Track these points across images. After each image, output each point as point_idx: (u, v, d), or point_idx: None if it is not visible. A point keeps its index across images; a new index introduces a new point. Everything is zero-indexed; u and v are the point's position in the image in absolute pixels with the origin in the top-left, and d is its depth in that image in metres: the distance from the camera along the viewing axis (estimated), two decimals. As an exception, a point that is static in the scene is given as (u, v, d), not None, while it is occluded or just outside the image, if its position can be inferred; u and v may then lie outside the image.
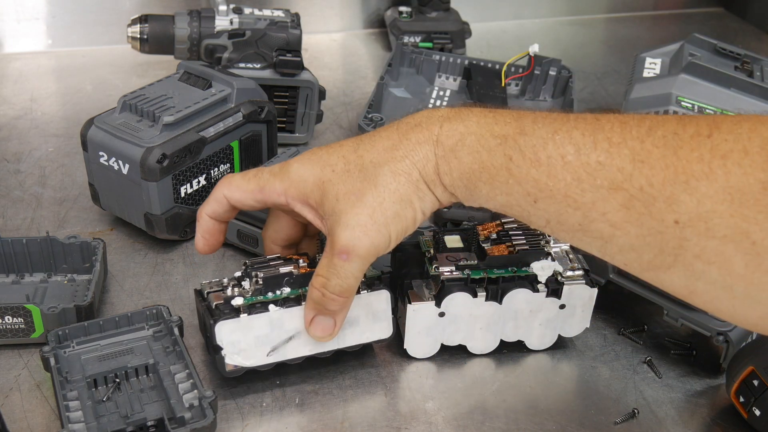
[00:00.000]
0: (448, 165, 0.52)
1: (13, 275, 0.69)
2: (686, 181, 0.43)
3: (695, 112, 0.84)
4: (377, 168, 0.53)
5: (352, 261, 0.54)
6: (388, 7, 1.22)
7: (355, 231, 0.53)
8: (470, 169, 0.51)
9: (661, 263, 0.45)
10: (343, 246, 0.53)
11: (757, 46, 1.28)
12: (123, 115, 0.73)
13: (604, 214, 0.46)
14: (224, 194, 0.59)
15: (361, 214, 0.53)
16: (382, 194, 0.52)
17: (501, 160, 0.49)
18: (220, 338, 0.57)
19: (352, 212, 0.53)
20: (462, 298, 0.61)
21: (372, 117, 0.83)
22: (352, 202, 0.53)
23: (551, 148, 0.47)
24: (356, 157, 0.54)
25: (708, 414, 0.62)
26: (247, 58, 0.87)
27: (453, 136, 0.51)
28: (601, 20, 1.36)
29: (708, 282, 0.44)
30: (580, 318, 0.64)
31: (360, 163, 0.54)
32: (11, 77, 1.05)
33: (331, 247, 0.54)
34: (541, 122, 0.49)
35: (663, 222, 0.44)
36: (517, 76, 0.97)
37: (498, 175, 0.49)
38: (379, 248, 0.54)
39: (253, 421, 0.59)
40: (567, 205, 0.47)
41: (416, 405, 0.61)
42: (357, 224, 0.53)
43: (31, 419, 0.58)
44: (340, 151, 0.55)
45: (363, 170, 0.53)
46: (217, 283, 0.61)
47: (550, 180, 0.47)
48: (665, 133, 0.45)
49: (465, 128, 0.51)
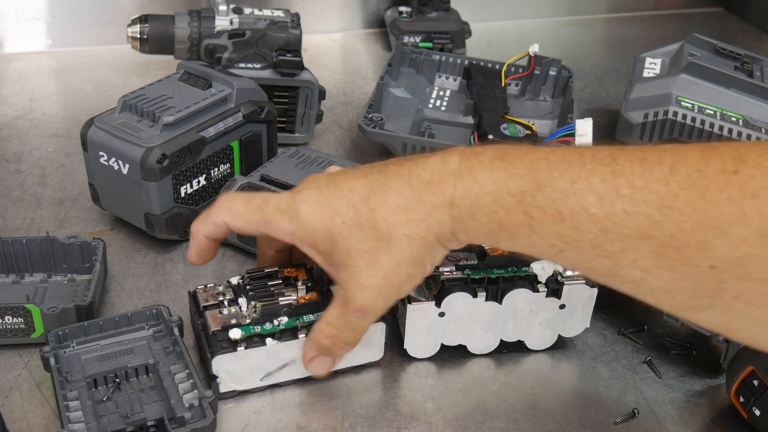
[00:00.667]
0: (464, 226, 0.50)
1: (13, 275, 0.69)
2: (718, 226, 0.41)
3: (695, 112, 0.84)
4: (391, 230, 0.52)
5: (366, 319, 0.55)
6: (388, 7, 1.22)
7: (372, 293, 0.53)
8: (488, 229, 0.49)
9: (697, 304, 0.44)
10: (359, 306, 0.54)
11: (757, 46, 1.28)
12: (123, 115, 0.73)
13: (634, 261, 0.44)
14: (224, 221, 0.57)
15: (375, 276, 0.53)
16: (396, 258, 0.52)
17: (521, 218, 0.48)
18: (216, 369, 0.58)
19: (367, 273, 0.53)
20: (462, 298, 0.61)
21: (372, 117, 0.83)
22: (366, 261, 0.52)
23: (573, 201, 0.45)
24: (367, 210, 0.52)
25: (708, 414, 0.62)
26: (247, 58, 0.87)
27: (468, 197, 0.49)
28: (601, 20, 1.36)
29: (748, 321, 0.43)
30: (580, 318, 0.64)
31: (372, 218, 0.52)
32: (11, 77, 1.05)
33: (346, 304, 0.54)
34: (556, 170, 0.47)
35: (698, 267, 0.42)
36: (517, 76, 0.97)
37: (519, 232, 0.48)
38: (391, 305, 0.55)
39: (253, 421, 0.59)
40: (595, 254, 0.46)
41: (416, 405, 0.61)
42: (372, 286, 0.53)
43: (31, 419, 0.58)
44: (350, 198, 0.53)
45: (376, 229, 0.52)
46: (212, 289, 0.61)
47: (575, 233, 0.46)
48: (689, 171, 0.43)
49: (479, 188, 0.49)
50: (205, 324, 0.59)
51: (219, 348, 0.57)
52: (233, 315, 0.59)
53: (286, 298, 0.60)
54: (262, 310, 0.59)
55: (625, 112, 0.87)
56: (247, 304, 0.60)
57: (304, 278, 0.62)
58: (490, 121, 0.86)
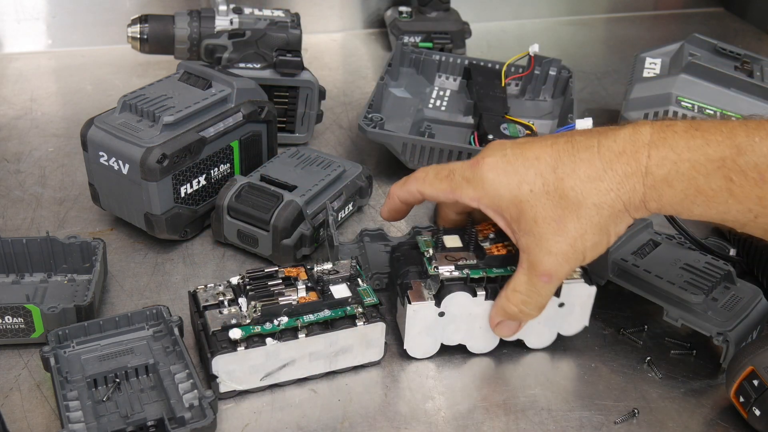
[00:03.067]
0: (657, 193, 0.51)
1: (13, 275, 0.69)
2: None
3: (695, 113, 0.84)
4: (580, 199, 0.53)
5: (552, 283, 0.57)
6: (388, 7, 1.22)
7: (557, 258, 0.55)
8: (684, 196, 0.50)
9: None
10: (546, 270, 0.56)
11: (757, 46, 1.28)
12: (123, 115, 0.73)
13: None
14: (418, 190, 0.61)
15: (562, 243, 0.54)
16: (584, 226, 0.54)
17: (720, 183, 0.49)
18: (216, 369, 0.58)
19: (554, 239, 0.54)
20: (461, 297, 0.61)
21: (372, 117, 0.83)
22: (553, 228, 0.54)
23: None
24: (555, 179, 0.54)
25: (708, 414, 0.62)
26: (247, 58, 0.87)
27: (664, 165, 0.50)
28: (601, 20, 1.36)
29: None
30: (579, 316, 0.64)
31: (560, 187, 0.54)
32: (11, 77, 1.05)
33: (532, 269, 0.56)
34: (756, 135, 0.48)
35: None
36: (517, 76, 0.97)
37: (716, 197, 0.49)
38: (573, 271, 0.57)
39: (253, 421, 0.59)
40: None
41: (416, 405, 0.61)
42: (559, 252, 0.55)
43: (31, 419, 0.58)
44: (537, 167, 0.55)
45: (564, 197, 0.54)
46: (212, 289, 0.61)
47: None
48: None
49: (676, 156, 0.50)
50: (205, 324, 0.59)
51: (219, 348, 0.57)
52: (233, 315, 0.59)
53: (286, 298, 0.60)
54: (262, 310, 0.59)
55: (625, 112, 0.87)
56: (247, 304, 0.60)
57: (304, 278, 0.62)
58: (490, 121, 0.86)
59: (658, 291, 0.65)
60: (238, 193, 0.72)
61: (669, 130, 0.51)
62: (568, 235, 0.54)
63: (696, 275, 0.66)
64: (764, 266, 0.71)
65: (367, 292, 0.62)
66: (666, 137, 0.51)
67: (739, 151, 0.48)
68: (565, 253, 0.55)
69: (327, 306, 0.60)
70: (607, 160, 0.53)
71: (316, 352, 0.60)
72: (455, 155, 0.82)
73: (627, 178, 0.52)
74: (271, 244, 0.71)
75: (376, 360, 0.63)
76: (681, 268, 0.67)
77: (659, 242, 0.70)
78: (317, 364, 0.61)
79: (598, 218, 0.53)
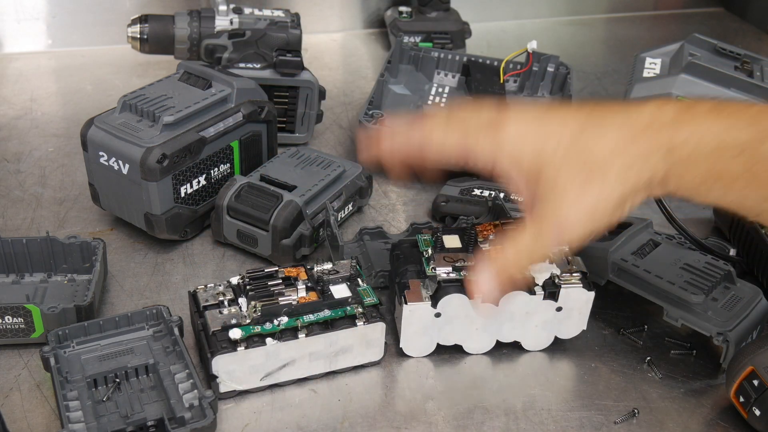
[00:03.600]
0: (679, 172, 0.50)
1: (13, 275, 0.69)
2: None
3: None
4: (604, 168, 0.51)
5: (559, 245, 0.56)
6: (388, 7, 1.22)
7: (572, 224, 0.52)
8: (704, 178, 0.50)
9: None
10: (557, 227, 0.53)
11: (757, 46, 1.28)
12: (123, 115, 0.73)
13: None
14: (423, 136, 0.56)
15: (579, 209, 0.52)
16: (604, 195, 0.52)
17: (741, 168, 0.48)
18: (216, 369, 0.58)
19: (572, 204, 0.52)
20: (458, 299, 0.61)
21: (372, 113, 0.84)
22: (573, 194, 0.52)
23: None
24: (581, 143, 0.52)
25: (708, 414, 0.62)
26: (247, 58, 0.87)
27: (689, 144, 0.49)
28: (601, 20, 1.36)
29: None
30: (577, 321, 0.64)
31: (585, 152, 0.52)
32: (11, 77, 1.05)
33: (543, 222, 0.53)
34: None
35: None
36: (515, 72, 0.97)
37: (736, 181, 0.48)
38: (584, 240, 0.54)
39: (253, 421, 0.59)
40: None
41: (416, 405, 0.61)
42: (575, 217, 0.52)
43: (31, 419, 0.58)
44: (562, 130, 0.53)
45: (587, 163, 0.52)
46: (212, 289, 0.61)
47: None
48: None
49: (700, 136, 0.49)
50: (205, 324, 0.59)
51: (219, 348, 0.57)
52: (233, 315, 0.59)
53: (286, 298, 0.60)
54: (262, 310, 0.59)
55: (625, 112, 0.87)
56: (247, 304, 0.60)
57: (304, 278, 0.62)
58: (489, 121, 0.86)
59: (658, 291, 0.65)
60: (238, 193, 0.72)
61: (693, 109, 0.50)
62: (587, 202, 0.52)
63: (696, 275, 0.66)
64: (764, 266, 0.71)
65: (367, 292, 0.62)
66: (693, 115, 0.50)
67: (762, 138, 0.47)
68: (580, 219, 0.53)
69: (327, 306, 0.60)
70: (634, 132, 0.51)
71: (316, 352, 0.60)
72: (455, 155, 0.82)
73: (652, 153, 0.51)
74: (271, 244, 0.71)
75: (376, 360, 0.63)
76: (681, 268, 0.67)
77: (659, 242, 0.70)
78: (317, 364, 0.61)
79: (620, 189, 0.51)
